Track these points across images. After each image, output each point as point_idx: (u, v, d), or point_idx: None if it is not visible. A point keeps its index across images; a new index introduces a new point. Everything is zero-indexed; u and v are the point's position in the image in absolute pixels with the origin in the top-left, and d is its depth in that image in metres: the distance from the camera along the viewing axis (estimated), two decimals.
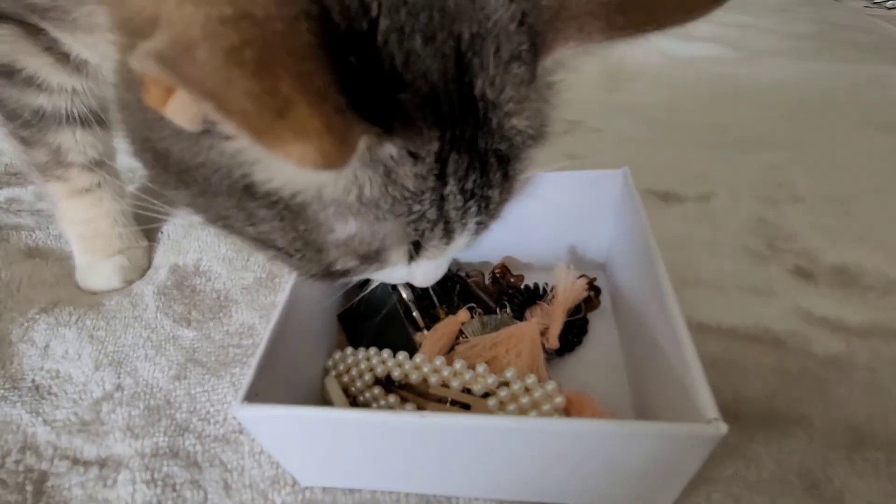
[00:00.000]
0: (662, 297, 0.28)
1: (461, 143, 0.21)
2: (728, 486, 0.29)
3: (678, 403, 0.25)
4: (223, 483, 0.33)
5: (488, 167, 0.23)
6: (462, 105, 0.21)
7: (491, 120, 0.22)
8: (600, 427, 0.23)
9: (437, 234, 0.23)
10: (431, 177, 0.21)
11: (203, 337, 0.43)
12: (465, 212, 0.23)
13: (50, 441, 0.36)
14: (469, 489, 0.30)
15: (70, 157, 0.45)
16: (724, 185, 0.57)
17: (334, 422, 0.25)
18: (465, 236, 0.25)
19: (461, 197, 0.23)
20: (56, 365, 0.42)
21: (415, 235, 0.23)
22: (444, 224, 0.23)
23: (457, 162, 0.21)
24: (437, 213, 0.22)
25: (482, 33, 0.20)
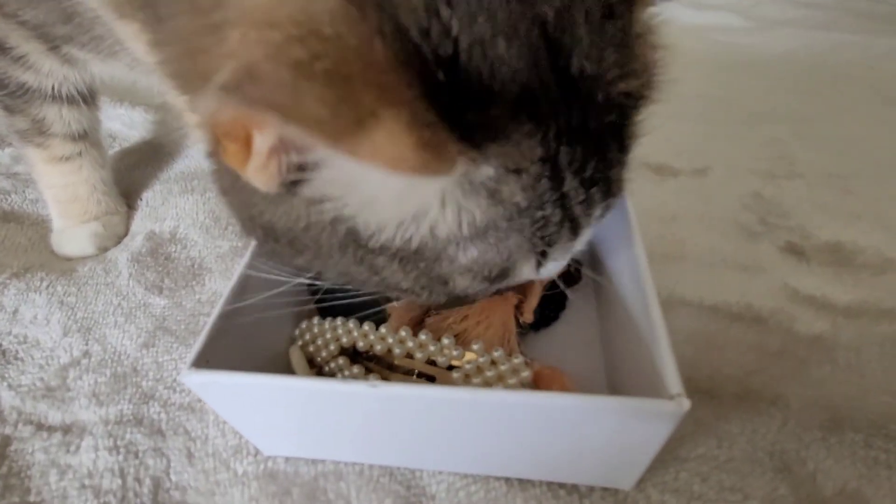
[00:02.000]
0: (637, 272, 0.27)
1: (571, 134, 0.19)
2: (698, 465, 0.29)
3: (647, 379, 0.24)
4: (186, 451, 0.33)
5: (605, 146, 0.21)
6: (562, 92, 0.19)
7: (597, 95, 0.20)
8: (562, 401, 0.22)
9: (564, 236, 0.22)
10: (544, 182, 0.20)
11: (174, 305, 0.42)
12: (590, 202, 0.22)
13: (14, 406, 0.36)
14: (432, 462, 0.30)
15: (53, 128, 0.44)
16: (721, 159, 0.55)
17: (281, 390, 0.24)
18: (593, 225, 0.23)
19: (583, 189, 0.21)
20: (24, 330, 0.41)
21: (541, 245, 0.22)
22: (570, 222, 0.22)
23: (570, 155, 0.20)
24: (560, 214, 0.21)
25: (567, 3, 0.19)
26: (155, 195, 0.55)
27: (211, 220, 0.51)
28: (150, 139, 0.64)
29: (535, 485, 0.29)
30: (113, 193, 0.52)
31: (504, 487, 0.29)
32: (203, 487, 0.31)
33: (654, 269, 0.40)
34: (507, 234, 0.20)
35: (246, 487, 0.31)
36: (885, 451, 0.29)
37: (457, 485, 0.30)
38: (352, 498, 0.30)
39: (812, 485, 0.28)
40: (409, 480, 0.30)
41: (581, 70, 0.19)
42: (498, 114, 0.18)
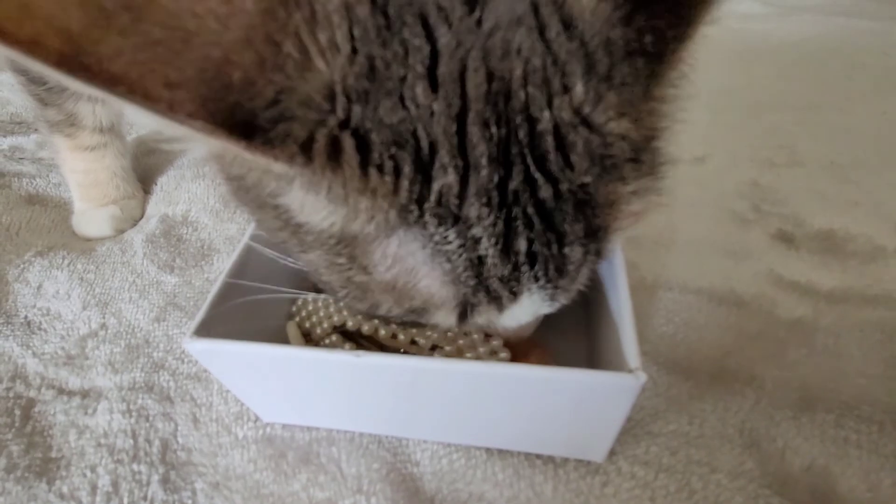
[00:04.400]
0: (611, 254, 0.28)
1: (495, 198, 0.18)
2: (668, 440, 0.30)
3: (615, 357, 0.25)
4: (192, 416, 0.35)
5: (559, 219, 0.19)
6: (504, 152, 0.18)
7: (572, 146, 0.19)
8: (528, 372, 0.23)
9: (482, 301, 0.21)
10: (452, 242, 0.19)
11: (184, 283, 0.45)
12: (516, 281, 0.20)
13: (38, 372, 0.39)
14: (417, 432, 0.32)
15: (84, 122, 0.47)
16: (722, 148, 0.55)
17: (274, 358, 0.26)
18: (529, 305, 0.21)
19: (506, 262, 0.19)
20: (47, 303, 0.44)
21: (457, 299, 0.20)
22: (487, 293, 0.20)
23: (485, 220, 0.19)
24: (473, 277, 0.20)
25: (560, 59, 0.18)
26: (169, 180, 0.58)
27: (220, 204, 0.53)
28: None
29: (513, 455, 0.31)
30: (131, 179, 0.54)
31: (484, 456, 0.31)
32: (207, 449, 0.34)
33: (643, 253, 0.42)
34: (417, 272, 0.20)
35: (245, 450, 0.33)
36: (855, 432, 0.29)
37: (440, 453, 0.31)
38: (342, 462, 0.32)
39: (780, 460, 0.29)
40: (396, 448, 0.32)
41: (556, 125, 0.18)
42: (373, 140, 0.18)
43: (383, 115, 0.18)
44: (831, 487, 0.28)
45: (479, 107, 0.18)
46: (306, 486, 0.31)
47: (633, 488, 0.28)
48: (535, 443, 0.29)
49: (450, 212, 0.19)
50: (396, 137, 0.18)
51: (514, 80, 0.18)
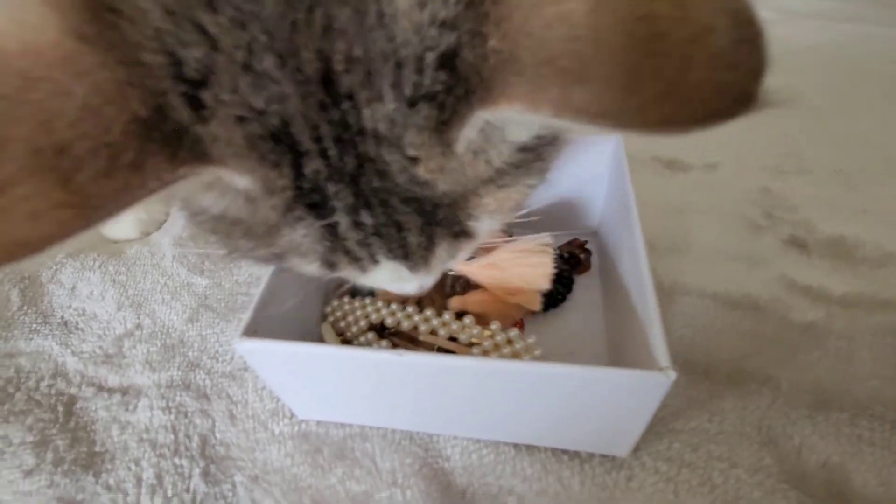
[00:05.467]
0: (636, 254, 0.29)
1: (346, 176, 0.19)
2: (689, 437, 0.31)
3: (642, 356, 0.27)
4: (229, 413, 0.37)
5: (391, 209, 0.20)
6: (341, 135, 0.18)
7: (387, 161, 0.18)
8: (563, 370, 0.25)
9: (342, 260, 0.22)
10: (299, 208, 0.19)
11: (214, 285, 0.46)
12: (369, 246, 0.21)
13: (78, 370, 0.40)
14: (448, 428, 0.33)
15: None
16: (732, 155, 0.57)
17: (321, 357, 0.27)
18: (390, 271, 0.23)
19: (357, 231, 0.20)
20: (82, 304, 0.46)
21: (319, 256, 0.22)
22: (346, 253, 0.21)
23: (340, 194, 0.19)
24: (329, 241, 0.21)
25: (374, 57, 0.17)
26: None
27: None
28: None
29: (539, 450, 0.32)
30: None
31: (512, 451, 0.32)
32: (244, 444, 0.35)
33: (660, 259, 0.43)
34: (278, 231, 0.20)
35: (282, 445, 0.35)
36: (869, 430, 0.31)
37: (470, 448, 0.33)
38: (376, 456, 0.33)
39: (797, 457, 0.30)
40: (428, 444, 0.34)
41: (374, 128, 0.18)
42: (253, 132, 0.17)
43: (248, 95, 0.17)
44: (846, 482, 0.29)
45: (315, 87, 0.17)
46: (342, 480, 0.32)
47: (656, 482, 0.30)
48: (563, 438, 0.31)
49: (320, 195, 0.19)
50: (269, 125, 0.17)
51: (335, 63, 0.17)
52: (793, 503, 0.28)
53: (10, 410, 0.37)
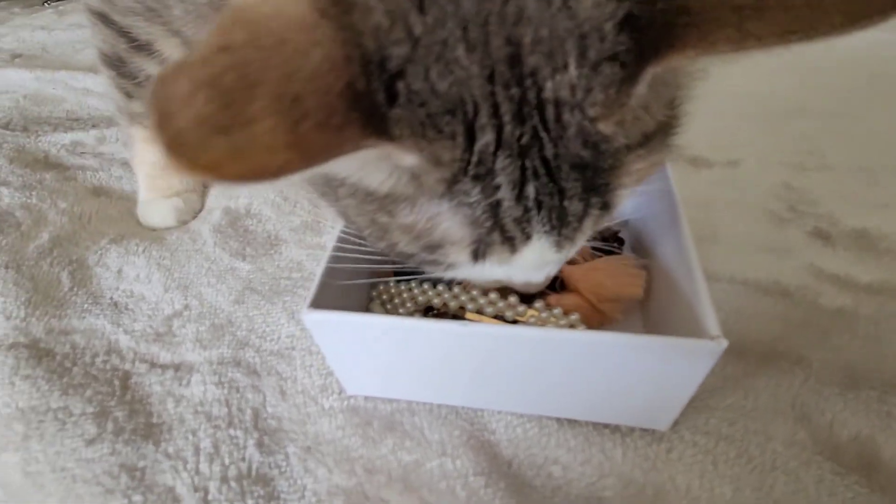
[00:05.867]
0: (679, 235, 0.31)
1: (515, 150, 0.21)
2: (726, 413, 0.33)
3: (686, 329, 0.28)
4: (279, 389, 0.38)
5: (560, 176, 0.21)
6: (519, 110, 0.20)
7: (567, 125, 0.20)
8: (614, 339, 0.26)
9: (495, 241, 0.23)
10: (467, 182, 0.21)
11: (257, 269, 0.48)
12: (528, 223, 0.22)
13: (130, 347, 0.42)
14: (494, 403, 0.35)
15: None
16: (754, 152, 0.58)
17: (386, 328, 0.29)
18: (537, 250, 0.24)
19: (519, 206, 0.22)
20: (130, 286, 0.47)
21: (472, 238, 0.23)
22: (501, 233, 0.23)
23: (507, 168, 0.21)
24: (490, 220, 0.22)
25: (559, 35, 0.19)
26: None
27: (280, 198, 0.56)
28: None
29: (581, 424, 0.34)
30: None
31: (555, 425, 0.34)
32: (296, 418, 0.37)
33: None
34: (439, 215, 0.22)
35: (333, 418, 0.36)
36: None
37: (514, 423, 0.34)
38: (424, 429, 0.35)
39: (829, 431, 0.32)
40: (473, 418, 0.35)
41: (556, 97, 0.20)
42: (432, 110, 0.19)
43: (436, 81, 0.19)
44: (876, 454, 0.30)
45: (502, 68, 0.20)
46: (393, 450, 0.34)
47: (696, 454, 0.31)
48: (605, 412, 0.32)
49: (485, 168, 0.21)
50: (449, 104, 0.19)
51: (524, 46, 0.19)
52: (826, 472, 0.30)
53: (68, 384, 0.39)
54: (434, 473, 0.32)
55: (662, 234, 0.36)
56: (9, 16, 1.24)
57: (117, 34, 0.45)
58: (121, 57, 0.47)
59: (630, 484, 0.30)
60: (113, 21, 0.45)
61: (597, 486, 0.31)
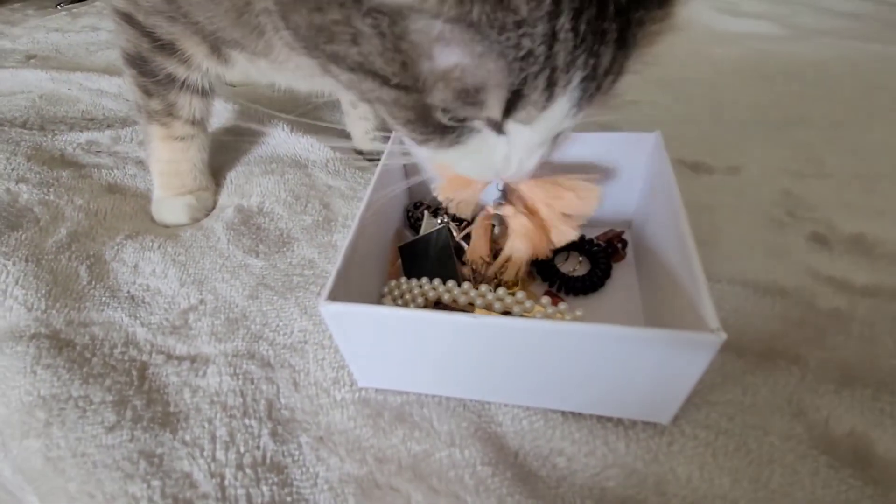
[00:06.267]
0: (681, 234, 0.32)
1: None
2: (725, 408, 0.34)
3: (687, 324, 0.29)
4: (292, 381, 0.40)
5: (605, 11, 0.22)
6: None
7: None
8: (615, 331, 0.27)
9: (539, 85, 0.23)
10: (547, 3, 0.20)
11: (270, 266, 0.49)
12: (574, 60, 0.22)
13: (147, 339, 0.43)
14: (502, 396, 0.36)
15: (180, 112, 0.53)
16: (754, 160, 0.60)
17: (401, 319, 0.30)
18: (566, 101, 0.24)
19: (572, 36, 0.22)
20: (146, 281, 0.49)
21: (518, 78, 0.22)
22: (550, 72, 0.22)
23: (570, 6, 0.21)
24: (545, 51, 0.22)
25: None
26: (238, 175, 0.63)
27: (292, 197, 0.58)
28: (230, 127, 0.72)
29: (585, 417, 0.35)
30: (206, 172, 0.60)
31: (560, 418, 0.35)
32: (308, 409, 0.38)
33: None
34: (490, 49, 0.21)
35: (345, 409, 0.37)
36: (890, 404, 0.34)
37: (520, 416, 0.36)
38: (434, 420, 0.36)
39: (824, 427, 0.33)
40: (480, 410, 0.36)
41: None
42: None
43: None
44: (869, 449, 0.32)
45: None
46: (404, 440, 0.35)
47: (696, 447, 0.32)
48: (609, 405, 0.34)
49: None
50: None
51: None
52: (822, 466, 0.31)
53: (88, 373, 0.40)
54: (443, 463, 0.33)
55: (665, 235, 0.37)
56: (23, 17, 1.27)
57: (141, 34, 0.47)
58: (143, 56, 0.49)
59: (633, 474, 0.32)
60: (137, 21, 0.47)
61: (600, 477, 0.32)
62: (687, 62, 0.93)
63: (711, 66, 0.92)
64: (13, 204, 0.56)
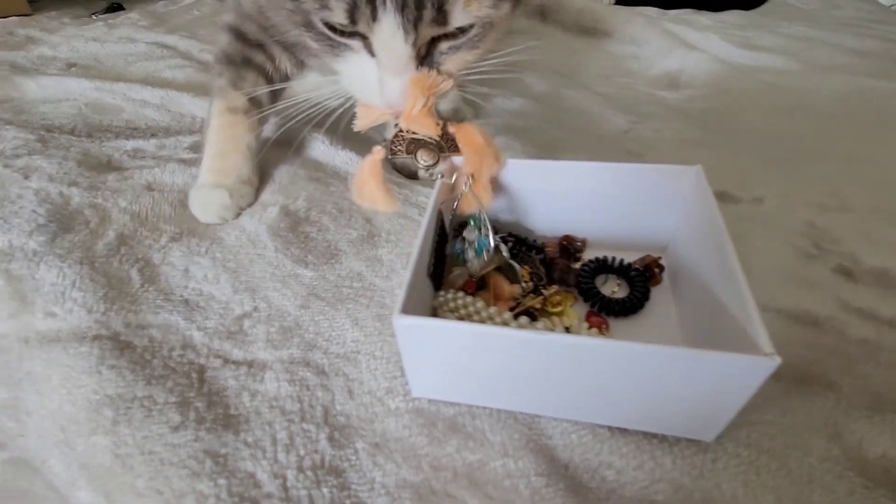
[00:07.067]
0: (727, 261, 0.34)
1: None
2: (765, 428, 0.36)
3: (733, 346, 0.31)
4: (347, 389, 0.41)
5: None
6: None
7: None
8: (679, 352, 0.29)
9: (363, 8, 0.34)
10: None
11: (320, 277, 0.51)
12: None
13: (204, 343, 0.45)
14: (551, 410, 0.38)
15: (242, 84, 0.60)
16: (776, 191, 0.62)
17: (475, 334, 0.32)
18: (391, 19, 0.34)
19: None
20: (199, 285, 0.51)
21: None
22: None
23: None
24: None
25: None
26: (283, 173, 0.65)
27: (336, 210, 0.60)
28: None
29: (631, 433, 0.37)
30: (252, 161, 0.62)
31: (607, 433, 0.37)
32: (363, 416, 0.40)
33: None
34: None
35: (399, 419, 0.39)
36: None
37: (569, 430, 0.37)
38: (486, 431, 0.38)
39: (859, 449, 0.35)
40: (530, 423, 0.38)
41: None
42: None
43: None
44: None
45: None
46: (458, 450, 0.37)
47: (739, 465, 0.34)
48: (656, 422, 0.36)
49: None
50: None
51: None
52: (857, 486, 0.33)
53: (150, 375, 0.42)
54: (498, 472, 0.35)
55: (706, 261, 0.40)
56: (60, 25, 1.31)
57: (241, 41, 0.58)
58: (237, 53, 0.59)
59: (680, 489, 0.33)
60: (241, 32, 0.57)
61: (649, 490, 0.34)
62: (703, 93, 0.97)
63: (727, 97, 0.95)
64: (66, 207, 0.58)
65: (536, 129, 0.83)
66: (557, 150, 0.75)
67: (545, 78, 1.02)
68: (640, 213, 0.49)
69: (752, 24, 1.32)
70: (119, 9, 1.49)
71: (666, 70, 1.09)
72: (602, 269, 0.47)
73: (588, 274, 0.46)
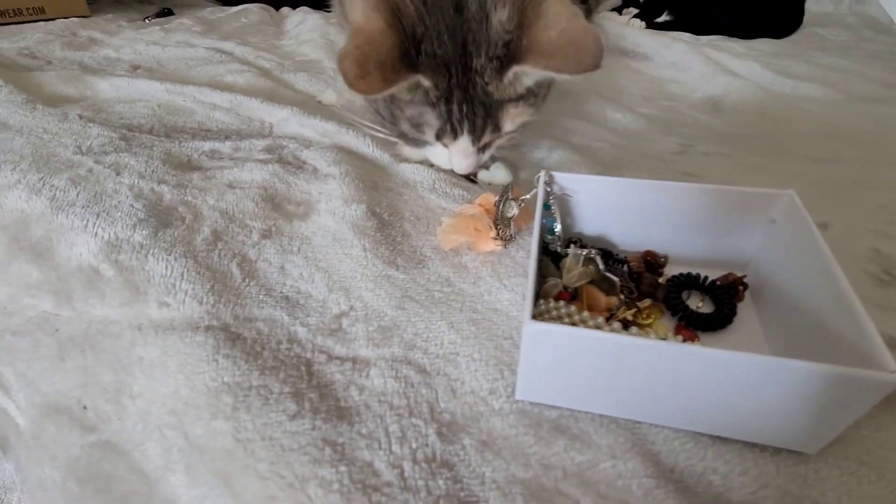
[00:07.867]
0: (834, 279, 0.36)
1: (459, 87, 0.51)
2: (863, 443, 0.37)
3: (854, 357, 0.33)
4: (450, 388, 0.43)
5: (475, 103, 0.52)
6: (464, 71, 0.51)
7: (477, 81, 0.51)
8: (795, 365, 0.31)
9: (448, 130, 0.54)
10: (443, 98, 0.52)
11: (411, 280, 0.53)
12: (461, 121, 0.53)
13: (308, 339, 0.47)
14: (654, 416, 0.39)
15: None
16: (838, 217, 0.64)
17: (601, 341, 0.34)
18: (466, 137, 0.55)
19: (458, 110, 0.53)
20: (296, 283, 0.53)
21: (438, 124, 0.54)
22: (450, 124, 0.54)
23: (456, 94, 0.52)
24: (446, 114, 0.53)
25: (480, 42, 0.50)
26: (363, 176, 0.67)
27: (414, 217, 0.62)
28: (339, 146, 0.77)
29: (732, 441, 0.38)
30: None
31: (709, 441, 0.39)
32: (468, 414, 0.41)
33: None
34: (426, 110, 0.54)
35: (504, 418, 0.41)
36: None
37: (671, 437, 0.39)
38: (591, 434, 0.40)
39: None
40: (633, 428, 0.40)
41: (475, 67, 0.51)
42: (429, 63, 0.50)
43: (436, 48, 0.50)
44: None
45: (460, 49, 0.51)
46: (566, 450, 0.39)
47: (841, 476, 0.36)
48: (761, 433, 0.37)
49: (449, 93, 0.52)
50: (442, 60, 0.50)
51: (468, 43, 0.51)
52: None
53: (263, 365, 0.44)
54: (608, 472, 0.37)
55: (797, 277, 0.42)
56: (118, 28, 1.35)
57: None
58: None
59: (787, 496, 0.35)
60: None
61: (757, 496, 0.35)
62: (747, 119, 1.00)
63: (775, 124, 0.98)
64: (159, 203, 0.61)
65: (592, 146, 0.85)
66: (618, 167, 0.77)
67: (590, 99, 1.05)
68: (721, 233, 0.51)
69: (785, 53, 1.36)
70: (169, 13, 1.53)
71: (709, 95, 1.12)
72: (686, 284, 0.50)
73: (674, 288, 0.48)
